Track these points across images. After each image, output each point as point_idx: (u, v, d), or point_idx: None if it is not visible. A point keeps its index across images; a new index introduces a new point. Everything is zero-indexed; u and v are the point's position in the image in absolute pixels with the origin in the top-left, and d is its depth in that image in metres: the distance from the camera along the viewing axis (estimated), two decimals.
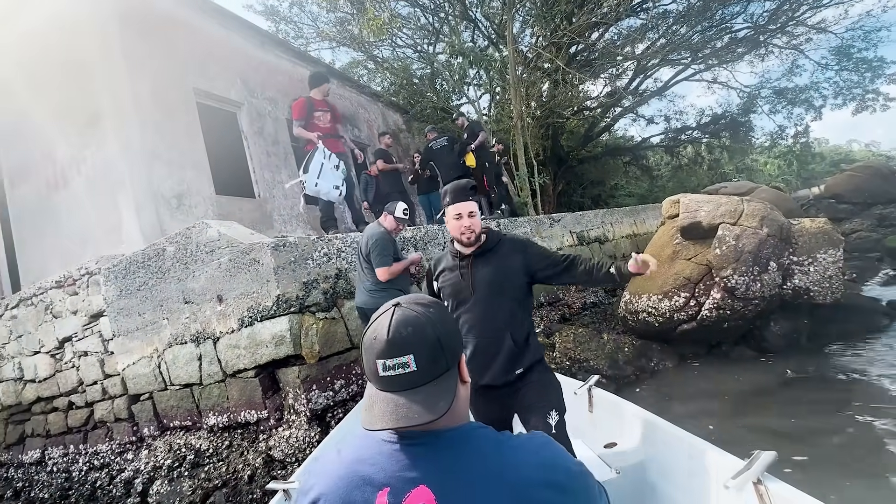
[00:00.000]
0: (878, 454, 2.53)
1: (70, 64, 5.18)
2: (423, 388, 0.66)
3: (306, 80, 8.08)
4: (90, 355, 4.11)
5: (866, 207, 11.46)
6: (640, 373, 4.25)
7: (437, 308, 0.73)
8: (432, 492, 0.61)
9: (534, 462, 0.65)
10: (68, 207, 5.40)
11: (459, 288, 1.71)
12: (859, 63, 12.66)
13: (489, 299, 1.68)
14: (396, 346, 0.66)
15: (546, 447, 0.69)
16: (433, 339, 0.67)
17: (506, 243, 1.74)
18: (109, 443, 3.99)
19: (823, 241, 4.10)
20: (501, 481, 0.62)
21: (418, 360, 0.66)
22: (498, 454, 0.65)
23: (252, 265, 3.21)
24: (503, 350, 1.66)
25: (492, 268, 1.70)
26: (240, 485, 3.10)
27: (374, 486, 0.63)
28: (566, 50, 11.19)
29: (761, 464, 1.33)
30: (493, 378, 1.67)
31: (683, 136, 17.05)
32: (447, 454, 0.65)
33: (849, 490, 2.26)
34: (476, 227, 1.68)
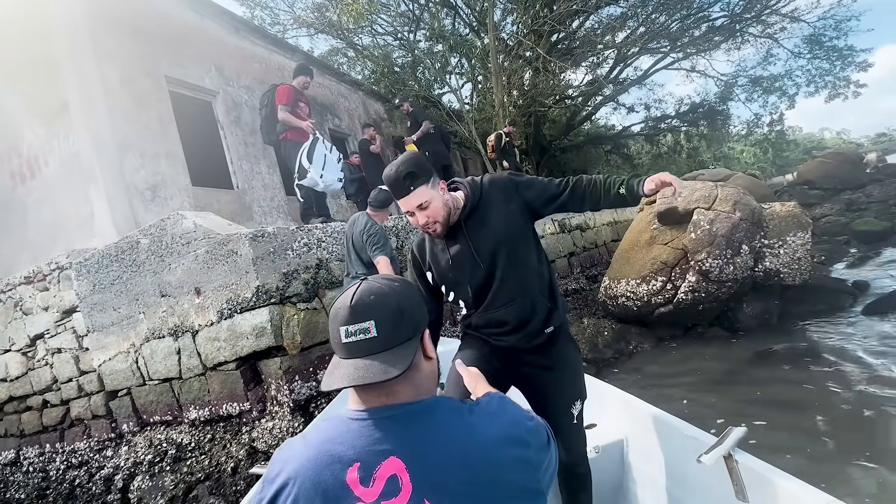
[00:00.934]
0: (840, 425, 2.66)
1: (35, 51, 4.96)
2: (381, 353, 0.67)
3: (283, 67, 7.93)
4: (64, 352, 4.01)
5: (836, 193, 11.87)
6: (620, 355, 4.36)
7: (404, 283, 0.75)
8: (402, 461, 0.62)
9: (497, 423, 0.69)
10: (36, 200, 5.20)
11: (462, 265, 1.41)
12: (831, 51, 13.01)
13: (504, 260, 1.40)
14: (358, 312, 0.68)
15: (504, 408, 0.73)
16: (395, 306, 0.70)
17: (491, 190, 1.44)
18: (87, 440, 3.91)
19: (793, 225, 4.25)
20: (470, 445, 0.64)
21: (379, 326, 0.68)
22: (463, 421, 0.68)
23: (230, 256, 3.16)
24: (537, 311, 1.43)
25: (490, 225, 1.41)
26: (223, 477, 3.09)
27: (343, 463, 0.63)
28: (547, 38, 11.18)
29: (732, 439, 1.39)
30: (522, 340, 1.45)
31: (663, 125, 17.31)
32: (414, 425, 0.66)
33: (812, 460, 2.38)
34: (437, 216, 1.37)
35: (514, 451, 0.66)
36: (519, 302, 1.41)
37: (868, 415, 2.71)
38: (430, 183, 1.34)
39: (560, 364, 1.48)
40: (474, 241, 1.40)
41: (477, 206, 1.42)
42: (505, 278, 1.40)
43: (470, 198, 1.43)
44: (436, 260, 1.47)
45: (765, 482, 1.30)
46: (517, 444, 0.67)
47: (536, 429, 0.73)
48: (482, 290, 1.43)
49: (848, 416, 2.72)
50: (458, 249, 1.41)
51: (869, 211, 10.00)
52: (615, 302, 4.76)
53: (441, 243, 1.45)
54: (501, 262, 1.40)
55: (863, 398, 2.88)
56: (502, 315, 1.43)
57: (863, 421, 2.66)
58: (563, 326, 1.50)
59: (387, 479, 0.62)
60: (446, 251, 1.43)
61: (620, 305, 4.71)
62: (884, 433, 2.50)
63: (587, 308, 5.61)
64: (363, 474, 0.62)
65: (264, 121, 4.54)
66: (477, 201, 1.42)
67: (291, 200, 7.06)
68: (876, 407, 2.76)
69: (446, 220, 1.39)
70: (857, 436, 2.52)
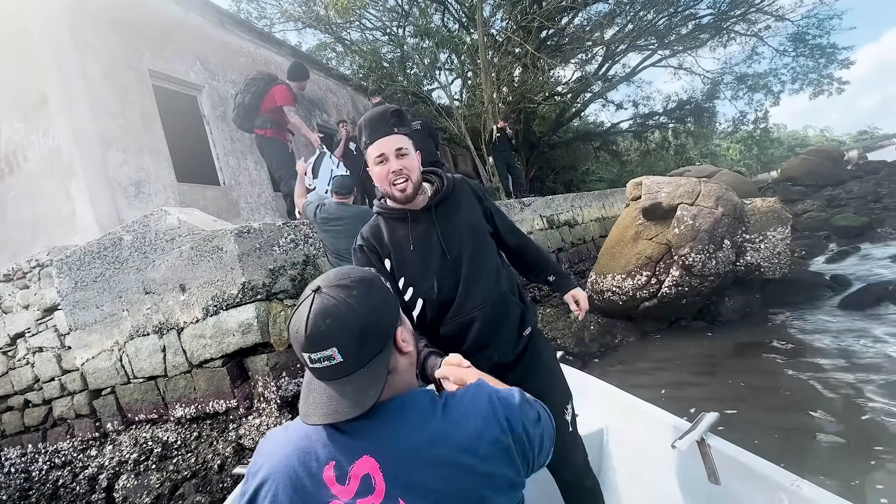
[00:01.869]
0: (809, 412, 2.76)
1: (12, 43, 4.84)
2: (353, 376, 0.65)
3: (270, 62, 7.84)
4: (46, 351, 3.94)
5: (817, 189, 12.12)
6: (605, 349, 4.43)
7: (361, 289, 0.68)
8: (376, 460, 0.62)
9: (473, 415, 0.66)
10: (15, 196, 5.09)
11: (428, 253, 1.25)
12: (814, 49, 13.24)
13: (473, 254, 1.27)
14: (317, 341, 0.64)
15: (481, 396, 0.70)
16: (355, 327, 0.64)
17: (463, 185, 1.37)
18: (71, 440, 3.86)
19: (773, 220, 4.34)
20: (445, 440, 0.63)
21: (342, 351, 0.64)
22: (438, 416, 0.66)
23: (215, 253, 3.13)
24: (510, 313, 1.31)
25: (460, 215, 1.30)
26: (210, 475, 3.08)
27: (319, 462, 0.63)
28: (536, 34, 11.20)
29: (704, 424, 1.43)
30: (503, 352, 1.31)
31: (651, 122, 17.47)
32: (390, 423, 0.65)
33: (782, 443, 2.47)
34: (411, 171, 1.19)
35: (492, 442, 0.64)
36: (492, 304, 1.27)
37: (835, 402, 2.82)
38: (410, 137, 1.22)
39: (544, 370, 1.37)
40: (442, 228, 1.26)
41: (448, 196, 1.31)
42: (474, 276, 1.27)
43: (441, 186, 1.31)
44: (396, 244, 1.26)
45: (736, 465, 1.36)
46: (495, 433, 0.65)
47: (520, 405, 0.70)
48: (448, 287, 1.26)
49: (819, 405, 2.82)
50: (424, 235, 1.25)
51: (849, 207, 10.23)
52: (601, 297, 4.83)
53: (403, 227, 1.26)
54: (469, 256, 1.27)
55: (832, 387, 2.99)
56: (477, 321, 1.26)
57: (830, 408, 2.76)
58: (536, 330, 1.43)
59: (361, 478, 0.61)
60: (409, 237, 1.25)
61: (606, 300, 4.77)
62: (850, 419, 2.60)
63: (561, 307, 5.67)
64: (338, 472, 0.62)
65: (245, 108, 4.43)
66: (449, 191, 1.31)
67: (279, 197, 6.99)
68: (843, 395, 2.87)
69: (417, 187, 1.23)
70: (825, 421, 2.62)
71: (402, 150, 1.18)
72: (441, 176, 1.34)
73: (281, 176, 4.56)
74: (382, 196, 1.30)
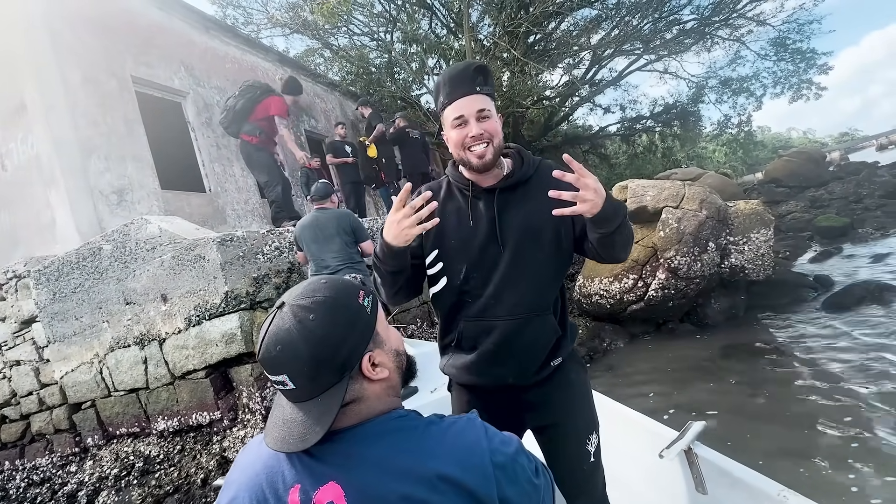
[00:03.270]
0: (797, 417, 2.77)
1: None
2: (307, 403, 0.62)
3: (257, 67, 7.77)
4: (23, 364, 3.84)
5: (801, 190, 12.35)
6: (594, 353, 4.44)
7: (321, 312, 0.62)
8: (341, 488, 0.59)
9: (448, 448, 0.61)
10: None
11: (475, 236, 1.10)
12: (794, 54, 13.52)
13: (523, 259, 1.09)
14: (270, 366, 0.62)
15: (467, 429, 0.64)
16: (307, 358, 0.60)
17: (546, 175, 1.07)
18: (49, 456, 3.76)
19: (756, 222, 4.39)
20: (413, 472, 0.59)
21: (293, 379, 0.61)
22: (411, 445, 0.62)
23: (197, 262, 3.08)
24: (543, 334, 1.12)
25: (527, 210, 1.10)
26: (193, 489, 3.01)
27: (286, 484, 0.61)
28: (524, 39, 11.28)
29: (692, 434, 1.43)
30: (520, 376, 1.14)
31: (638, 125, 17.67)
32: (360, 449, 0.62)
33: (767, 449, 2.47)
34: (495, 135, 1.06)
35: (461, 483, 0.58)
36: (520, 319, 1.09)
37: (821, 406, 2.84)
38: (493, 99, 1.08)
39: (567, 398, 1.18)
40: (503, 216, 1.10)
41: (522, 182, 1.12)
42: (511, 280, 1.09)
43: (518, 168, 1.13)
44: (446, 212, 1.13)
45: (723, 474, 1.36)
46: (469, 474, 0.59)
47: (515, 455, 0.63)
48: (477, 282, 1.11)
49: (803, 409, 2.84)
50: (479, 215, 1.11)
51: (831, 207, 10.43)
52: (589, 300, 4.84)
53: (464, 200, 1.13)
54: (516, 256, 1.09)
55: (818, 390, 3.02)
56: (497, 332, 1.10)
57: (817, 412, 2.78)
58: (573, 356, 1.23)
59: None
60: (461, 210, 1.12)
61: (594, 304, 4.79)
62: (837, 424, 2.62)
63: None
64: (303, 497, 0.60)
65: (235, 112, 4.48)
66: (524, 177, 1.12)
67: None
68: (829, 398, 2.90)
69: (498, 154, 1.08)
70: (807, 425, 2.64)
71: (485, 111, 1.05)
72: (523, 156, 1.16)
73: (266, 182, 4.56)
74: (455, 162, 1.17)
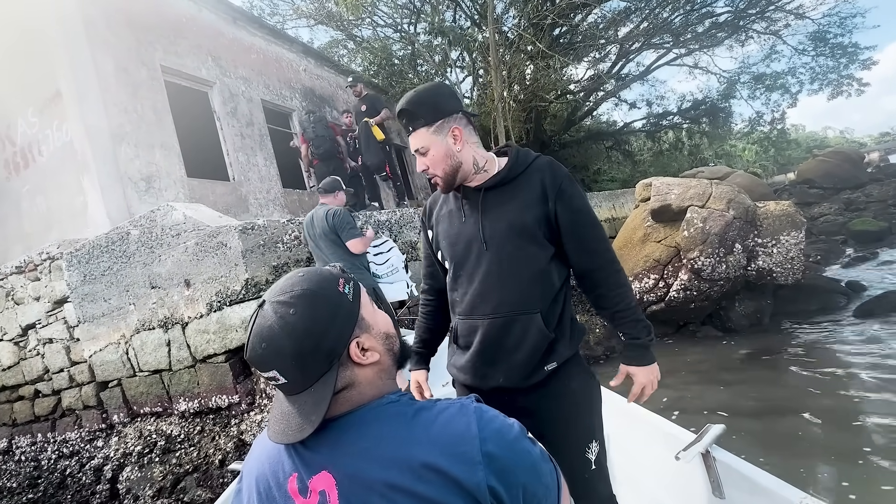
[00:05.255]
0: (822, 427, 2.67)
1: (28, 39, 4.92)
2: (300, 395, 0.63)
3: (281, 58, 7.86)
4: (55, 342, 4.02)
5: (835, 192, 11.84)
6: (611, 353, 4.37)
7: (301, 305, 0.62)
8: (333, 476, 0.59)
9: (437, 434, 0.60)
10: (30, 190, 5.20)
11: (462, 238, 1.17)
12: (835, 48, 12.88)
13: (504, 259, 1.12)
14: (258, 363, 0.63)
15: (458, 416, 0.62)
16: (290, 352, 0.61)
17: (535, 172, 1.14)
18: (78, 430, 3.93)
19: (787, 224, 4.23)
20: (403, 465, 0.58)
21: (283, 374, 0.62)
22: (401, 433, 0.61)
23: (219, 249, 3.15)
24: (529, 336, 1.11)
25: (509, 210, 1.13)
26: (211, 469, 3.11)
27: (285, 473, 0.63)
28: (549, 32, 11.07)
29: (710, 436, 1.39)
30: (510, 378, 1.14)
31: (664, 122, 17.19)
32: (351, 436, 0.62)
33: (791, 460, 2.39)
34: (436, 168, 1.15)
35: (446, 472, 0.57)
36: (501, 320, 1.12)
37: (850, 417, 2.72)
38: (432, 126, 1.12)
39: (565, 403, 1.16)
40: (487, 215, 1.15)
41: (509, 179, 1.15)
42: (493, 280, 1.13)
43: (507, 168, 1.16)
44: (443, 215, 1.24)
45: (742, 479, 1.31)
46: (457, 464, 0.57)
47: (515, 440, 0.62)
48: (469, 279, 1.17)
49: (829, 419, 2.73)
50: (469, 215, 1.18)
51: (867, 211, 9.97)
52: None
53: (457, 201, 1.21)
54: (498, 256, 1.13)
55: (845, 402, 2.89)
56: (480, 332, 1.15)
57: (845, 422, 2.66)
58: (573, 361, 1.18)
59: (319, 493, 0.60)
60: (454, 212, 1.21)
61: None
62: (865, 435, 2.51)
63: (580, 306, 5.61)
64: (300, 485, 0.61)
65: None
66: (509, 178, 1.15)
67: (288, 192, 7.04)
68: (858, 410, 2.78)
69: (450, 176, 1.15)
70: (838, 437, 2.53)
71: (420, 148, 1.14)
72: (515, 155, 1.18)
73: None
74: None
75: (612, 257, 1.17)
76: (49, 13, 4.77)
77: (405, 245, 4.50)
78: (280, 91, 7.54)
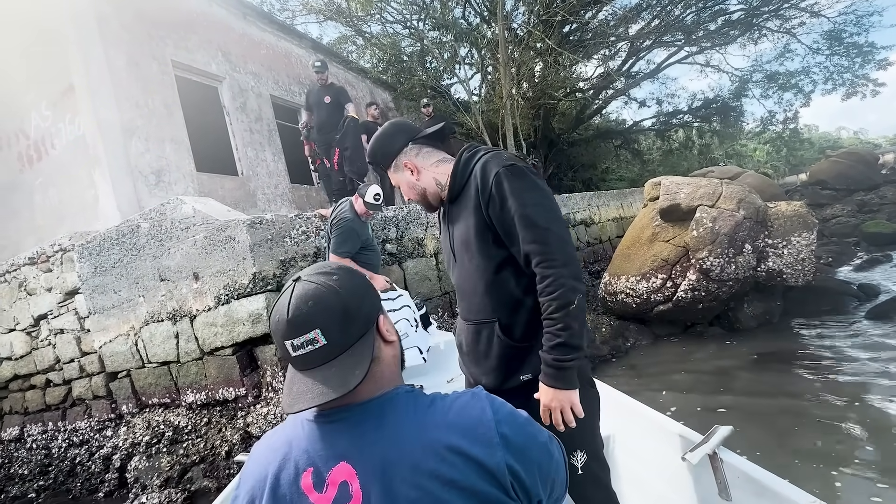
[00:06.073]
0: (829, 431, 2.63)
1: (42, 34, 4.98)
2: (337, 359, 0.63)
3: (290, 54, 7.88)
4: (66, 333, 4.08)
5: (848, 193, 11.65)
6: (617, 352, 4.34)
7: (342, 274, 0.67)
8: (353, 467, 0.59)
9: (453, 420, 0.61)
10: (43, 183, 5.27)
11: (445, 248, 1.27)
12: (850, 48, 12.65)
13: (466, 267, 1.16)
14: (300, 324, 0.63)
15: (472, 404, 0.64)
16: (338, 308, 0.64)
17: (472, 180, 1.12)
18: (88, 420, 4.00)
19: (798, 225, 4.17)
20: (420, 445, 0.59)
21: (326, 333, 0.63)
22: (418, 418, 0.62)
23: (228, 242, 3.17)
24: (493, 344, 1.12)
25: (462, 218, 1.15)
26: (217, 460, 3.14)
27: (298, 468, 0.62)
28: (558, 29, 10.98)
29: (717, 437, 1.38)
30: (490, 380, 1.14)
31: (675, 120, 16.99)
32: (368, 426, 0.62)
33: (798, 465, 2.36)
34: (411, 196, 1.25)
35: (469, 454, 0.58)
36: (477, 324, 1.15)
37: (861, 422, 2.68)
38: (391, 167, 1.24)
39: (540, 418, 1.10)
40: (451, 227, 1.20)
41: (462, 189, 1.15)
42: (459, 289, 1.21)
43: (450, 182, 1.17)
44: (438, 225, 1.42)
45: (749, 481, 1.30)
46: (476, 446, 0.59)
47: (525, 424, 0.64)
48: (454, 283, 1.25)
49: (839, 423, 2.69)
50: (444, 229, 1.26)
51: (881, 213, 9.81)
52: (614, 298, 4.73)
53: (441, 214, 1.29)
54: (465, 264, 1.17)
55: (857, 405, 2.85)
56: (465, 333, 1.22)
57: (855, 428, 2.62)
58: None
59: (339, 485, 0.59)
60: (443, 224, 1.28)
61: (619, 302, 4.67)
62: (876, 441, 2.48)
63: (588, 304, 5.59)
64: (316, 479, 0.60)
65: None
66: (461, 186, 1.15)
67: (296, 188, 7.08)
68: (869, 414, 2.73)
69: (423, 200, 1.25)
70: (849, 443, 2.49)
71: (396, 184, 1.26)
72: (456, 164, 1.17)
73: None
74: None
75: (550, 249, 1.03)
76: (63, 9, 4.82)
77: (412, 241, 4.50)
78: (289, 87, 7.57)
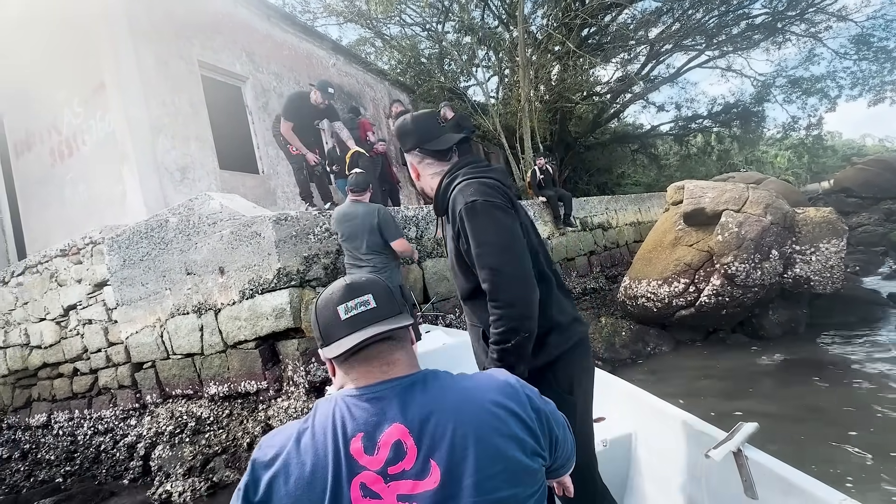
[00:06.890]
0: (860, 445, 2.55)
1: (75, 33, 5.14)
2: (385, 320, 0.72)
3: (312, 55, 7.99)
4: (94, 323, 4.18)
5: (875, 202, 11.33)
6: (636, 356, 4.29)
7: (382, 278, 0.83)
8: (405, 426, 0.64)
9: (491, 384, 0.72)
10: (73, 178, 5.42)
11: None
12: (879, 53, 12.34)
13: (457, 277, 1.25)
14: (355, 289, 0.74)
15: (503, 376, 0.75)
16: (385, 286, 0.77)
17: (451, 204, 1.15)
18: (113, 409, 4.09)
19: (827, 231, 4.07)
20: (467, 403, 0.67)
21: (377, 298, 0.73)
22: (460, 384, 0.71)
23: (253, 238, 3.23)
24: (478, 346, 1.24)
25: (450, 238, 1.23)
26: (239, 452, 3.18)
27: (346, 436, 0.64)
28: (578, 32, 10.94)
29: (742, 435, 1.35)
30: None
31: (693, 125, 16.76)
32: (413, 393, 0.68)
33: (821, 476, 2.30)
34: (425, 186, 1.25)
35: (508, 407, 0.68)
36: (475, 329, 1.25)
37: (888, 435, 2.59)
38: (412, 152, 1.23)
39: None
40: (445, 240, 1.27)
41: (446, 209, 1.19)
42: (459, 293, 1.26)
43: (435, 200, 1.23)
44: None
45: (775, 478, 1.26)
46: (512, 401, 0.69)
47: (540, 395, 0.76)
48: None
49: (868, 435, 2.61)
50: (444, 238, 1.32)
51: None
52: (634, 302, 4.67)
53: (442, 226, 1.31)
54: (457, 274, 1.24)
55: (884, 416, 2.76)
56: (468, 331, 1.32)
57: (883, 441, 2.54)
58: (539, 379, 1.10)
59: (391, 446, 0.63)
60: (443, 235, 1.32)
61: (640, 306, 4.62)
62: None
63: (605, 308, 5.53)
64: (367, 443, 0.64)
65: None
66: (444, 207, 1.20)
67: (313, 188, 7.15)
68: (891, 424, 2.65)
69: (426, 198, 1.28)
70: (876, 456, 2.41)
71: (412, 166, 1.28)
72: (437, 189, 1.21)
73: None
74: None
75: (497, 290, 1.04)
76: (95, 8, 4.97)
77: (431, 241, 4.52)
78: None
